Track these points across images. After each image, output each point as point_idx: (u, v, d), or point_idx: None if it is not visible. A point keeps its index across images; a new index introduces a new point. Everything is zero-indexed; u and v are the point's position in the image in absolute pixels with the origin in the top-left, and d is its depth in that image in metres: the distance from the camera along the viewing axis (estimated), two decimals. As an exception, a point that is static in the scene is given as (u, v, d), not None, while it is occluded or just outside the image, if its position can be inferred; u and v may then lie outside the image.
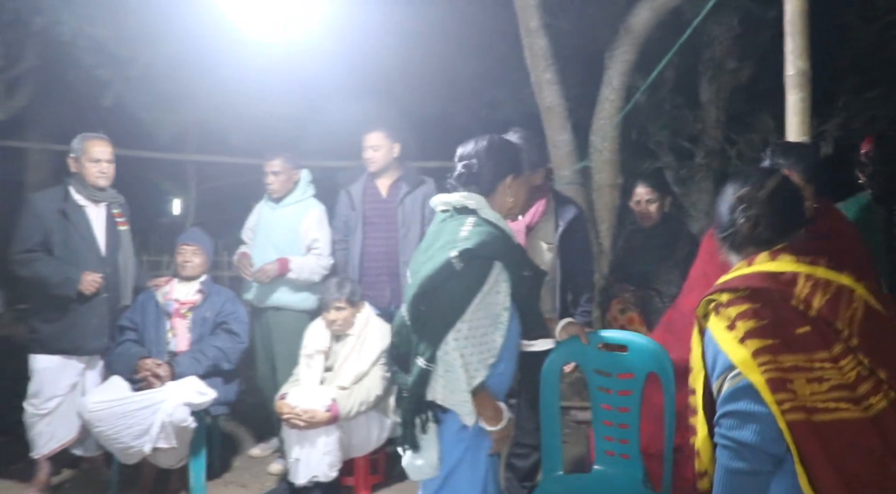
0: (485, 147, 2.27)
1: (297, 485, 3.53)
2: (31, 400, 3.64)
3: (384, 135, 4.05)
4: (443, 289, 2.09)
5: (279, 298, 4.07)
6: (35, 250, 3.51)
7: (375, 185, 4.11)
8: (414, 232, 4.00)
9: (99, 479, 3.84)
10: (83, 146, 3.64)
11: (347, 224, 4.12)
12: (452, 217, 2.21)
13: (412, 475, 2.18)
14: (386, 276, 4.05)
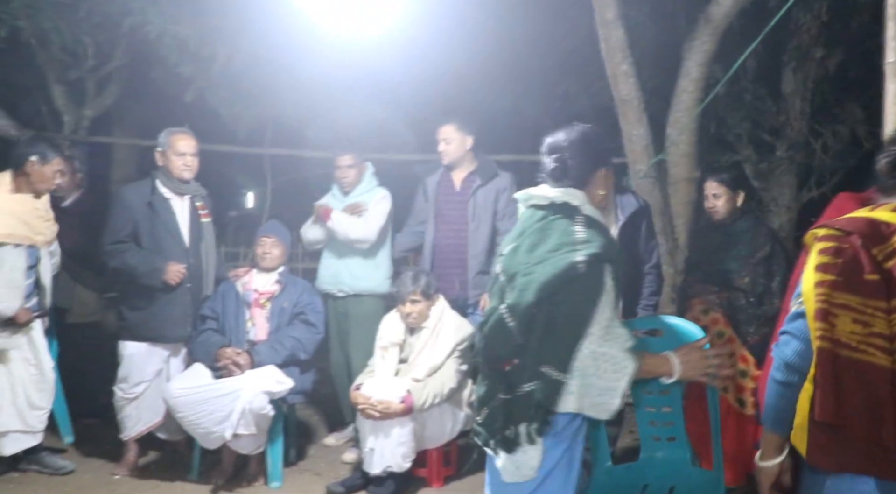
0: (576, 139, 2.19)
1: (372, 475, 3.58)
2: (120, 384, 3.80)
3: (455, 127, 4.07)
4: (568, 294, 2.01)
5: (356, 284, 4.16)
6: (125, 241, 3.66)
7: (450, 177, 4.15)
8: (484, 226, 4.02)
9: (181, 462, 3.98)
10: (169, 140, 3.77)
11: (421, 215, 4.19)
12: (555, 215, 2.13)
13: (508, 476, 2.09)
14: (455, 268, 4.08)
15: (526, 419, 2.03)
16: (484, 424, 2.15)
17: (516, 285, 2.09)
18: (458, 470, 3.90)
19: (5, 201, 3.58)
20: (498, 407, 2.09)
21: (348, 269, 4.14)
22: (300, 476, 3.87)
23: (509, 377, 2.09)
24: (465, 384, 3.82)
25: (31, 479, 3.77)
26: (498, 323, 2.11)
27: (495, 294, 2.19)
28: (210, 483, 3.70)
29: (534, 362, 2.03)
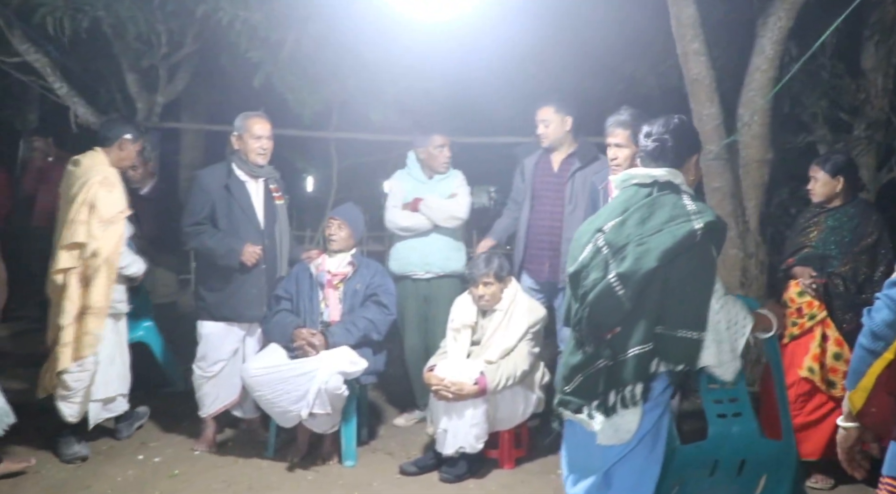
0: (676, 126, 2.43)
1: (444, 455, 3.61)
2: (199, 363, 3.91)
3: (554, 109, 4.04)
4: (688, 259, 2.21)
5: (445, 265, 4.22)
6: (203, 222, 3.75)
7: (549, 159, 4.14)
8: (581, 209, 3.95)
9: (257, 440, 4.07)
10: (245, 124, 3.83)
11: (517, 195, 4.21)
12: (661, 191, 2.32)
13: (605, 439, 2.23)
14: (547, 250, 4.06)
15: (630, 383, 2.20)
16: (576, 392, 2.28)
17: (628, 255, 2.23)
18: (528, 452, 3.91)
19: (113, 175, 3.74)
20: (598, 374, 2.24)
21: (438, 250, 4.20)
22: (373, 456, 3.92)
23: (612, 345, 2.23)
24: (538, 367, 3.81)
25: (116, 451, 3.92)
26: (605, 292, 2.23)
27: (596, 267, 2.29)
28: (285, 461, 3.78)
29: (647, 326, 2.18)
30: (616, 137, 3.37)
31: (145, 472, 3.67)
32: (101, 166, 3.71)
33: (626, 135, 3.33)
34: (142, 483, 3.53)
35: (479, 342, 3.76)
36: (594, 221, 2.44)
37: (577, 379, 2.29)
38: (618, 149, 3.37)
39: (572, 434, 2.38)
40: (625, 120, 3.35)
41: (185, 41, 6.01)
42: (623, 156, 3.35)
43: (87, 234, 3.55)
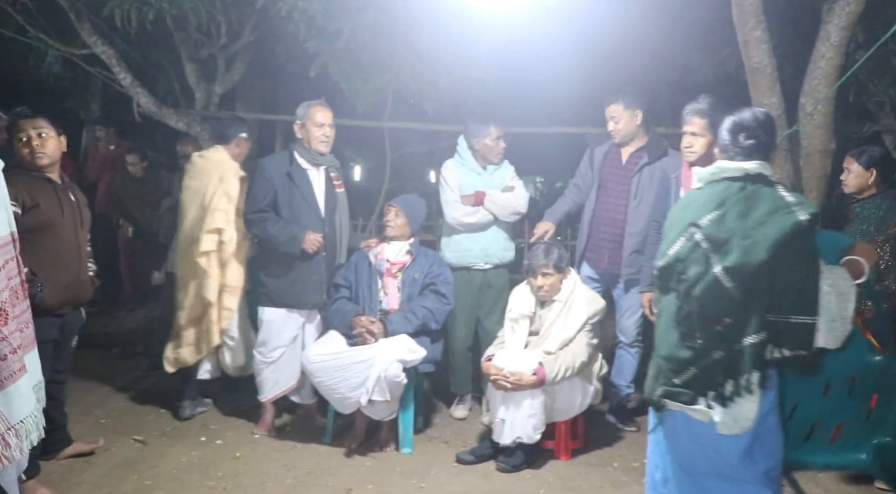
0: (765, 119, 2.45)
1: (501, 445, 3.62)
2: (260, 349, 3.98)
3: (622, 106, 4.04)
4: (797, 248, 2.24)
5: (504, 255, 4.26)
6: (265, 210, 3.81)
7: (618, 151, 4.15)
8: (646, 205, 3.95)
9: (313, 425, 4.14)
10: (308, 112, 3.87)
11: (584, 179, 4.21)
12: (754, 184, 2.35)
13: (725, 429, 2.26)
14: (608, 242, 4.07)
15: (746, 372, 2.23)
16: (690, 384, 2.31)
17: (733, 249, 2.25)
18: (584, 444, 3.89)
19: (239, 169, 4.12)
20: (713, 365, 2.27)
21: (497, 242, 4.23)
22: (429, 444, 3.95)
23: (724, 336, 2.26)
24: (596, 358, 3.79)
25: (179, 432, 4.03)
26: (713, 286, 2.27)
27: (696, 261, 2.31)
28: (343, 447, 3.83)
29: (759, 315, 2.22)
30: (693, 125, 3.30)
31: (208, 453, 3.76)
32: (229, 161, 4.11)
33: (703, 124, 3.26)
34: (206, 464, 3.61)
35: (537, 332, 3.75)
36: (681, 215, 2.41)
37: (689, 372, 2.31)
38: (693, 137, 3.30)
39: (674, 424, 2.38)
40: (702, 109, 3.28)
41: (242, 32, 6.09)
42: (699, 144, 3.28)
43: (225, 220, 3.93)
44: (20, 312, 2.47)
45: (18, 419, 2.38)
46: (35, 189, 3.14)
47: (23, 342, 2.45)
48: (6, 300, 2.38)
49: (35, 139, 3.19)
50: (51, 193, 3.23)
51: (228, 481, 3.44)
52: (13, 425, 2.36)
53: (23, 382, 2.40)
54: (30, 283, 3.05)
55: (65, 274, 3.23)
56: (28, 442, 2.42)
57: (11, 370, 2.35)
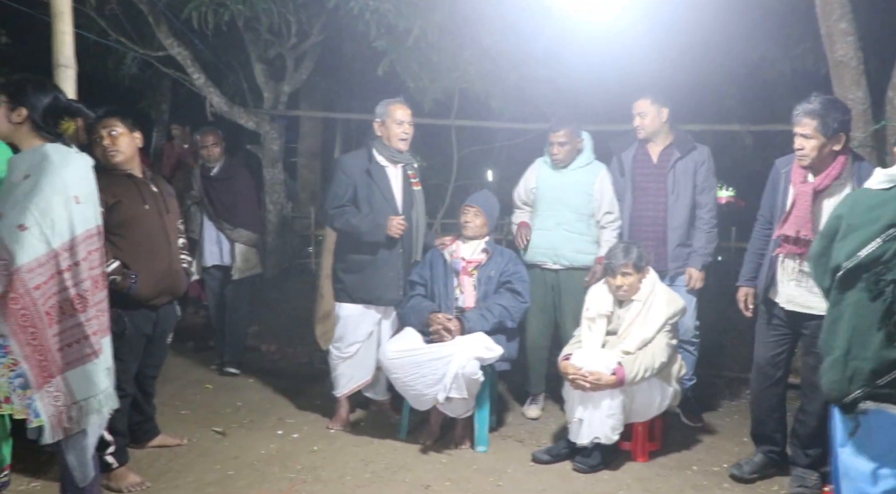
0: None
1: (578, 445, 3.58)
2: (336, 344, 4.03)
3: (650, 101, 4.08)
4: None
5: (575, 258, 4.18)
6: (346, 205, 3.85)
7: (647, 150, 4.16)
8: (684, 199, 4.05)
9: (387, 421, 4.17)
10: (388, 110, 3.90)
11: (617, 189, 4.18)
12: None
13: None
14: (652, 241, 4.07)
15: None
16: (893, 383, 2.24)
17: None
18: (662, 446, 3.83)
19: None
20: None
21: (568, 243, 4.16)
22: (503, 442, 3.94)
23: None
24: (675, 359, 3.73)
25: (256, 425, 4.10)
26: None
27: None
28: (418, 443, 3.84)
29: None
30: (803, 127, 3.15)
31: (286, 446, 3.81)
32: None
33: (814, 125, 3.11)
34: (284, 457, 3.67)
35: (614, 332, 3.71)
36: (872, 215, 2.30)
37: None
38: (804, 139, 3.16)
39: (884, 431, 2.32)
40: (814, 109, 3.12)
41: (311, 32, 6.19)
42: (810, 147, 3.15)
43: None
44: (98, 300, 2.67)
45: (84, 396, 2.61)
46: (115, 186, 3.22)
47: (99, 328, 2.66)
48: (87, 289, 2.60)
49: (107, 138, 3.27)
50: (131, 187, 3.31)
51: (308, 474, 3.48)
52: (78, 400, 2.60)
53: (95, 364, 2.63)
54: (123, 276, 3.16)
55: (156, 265, 3.30)
56: (88, 420, 2.64)
57: (85, 351, 2.61)
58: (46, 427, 2.55)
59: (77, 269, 2.56)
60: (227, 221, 4.94)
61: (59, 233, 2.52)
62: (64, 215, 2.53)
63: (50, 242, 2.50)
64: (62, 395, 2.57)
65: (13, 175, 2.57)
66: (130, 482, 3.26)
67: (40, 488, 3.25)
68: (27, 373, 2.52)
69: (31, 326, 2.49)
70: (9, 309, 2.46)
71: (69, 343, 2.56)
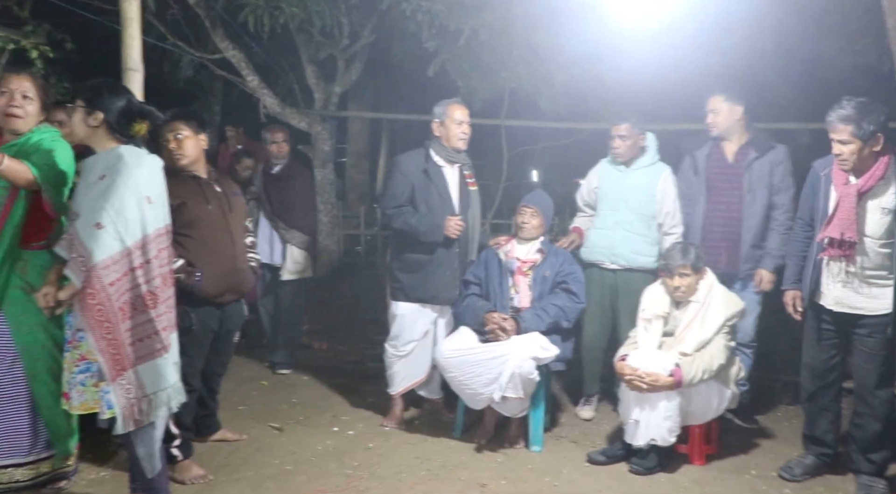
0: None
1: (634, 446, 3.56)
2: (392, 342, 4.07)
3: (723, 98, 4.02)
4: None
5: (633, 259, 4.14)
6: (404, 205, 3.89)
7: (722, 149, 4.09)
8: (760, 199, 3.96)
9: (440, 420, 4.19)
10: (447, 110, 3.93)
11: (690, 188, 4.12)
12: None
13: None
14: (724, 242, 4.02)
15: None
16: None
17: None
18: (718, 449, 3.79)
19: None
20: None
21: (626, 243, 4.13)
22: (557, 443, 3.94)
23: None
24: (734, 361, 3.68)
25: (312, 422, 4.16)
26: None
27: None
28: (472, 442, 3.86)
29: None
30: (839, 133, 3.12)
31: (342, 443, 3.87)
32: None
33: (850, 130, 3.08)
34: (340, 453, 3.72)
35: (671, 333, 3.68)
36: None
37: None
38: (842, 145, 3.13)
39: None
40: (848, 115, 3.09)
41: (363, 33, 6.26)
42: (849, 151, 3.12)
43: None
44: (167, 297, 2.77)
45: (154, 390, 2.71)
46: (180, 188, 3.30)
47: (168, 324, 2.76)
48: (158, 286, 2.71)
49: (173, 141, 3.36)
50: (196, 188, 3.39)
51: (364, 470, 3.53)
52: (148, 393, 2.70)
53: (164, 359, 2.74)
54: (187, 274, 3.24)
55: (220, 263, 3.37)
56: (157, 413, 2.74)
57: (156, 346, 2.71)
58: (118, 419, 2.65)
59: (148, 267, 2.66)
60: (283, 220, 4.99)
61: (132, 232, 2.61)
62: (137, 214, 2.63)
63: (124, 240, 2.60)
64: (133, 388, 2.66)
65: (89, 176, 2.67)
66: (194, 474, 3.34)
67: (109, 477, 3.35)
68: (102, 366, 2.62)
69: (107, 321, 2.59)
70: (86, 304, 2.57)
71: (140, 338, 2.66)
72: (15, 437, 3.04)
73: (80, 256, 2.56)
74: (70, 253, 2.58)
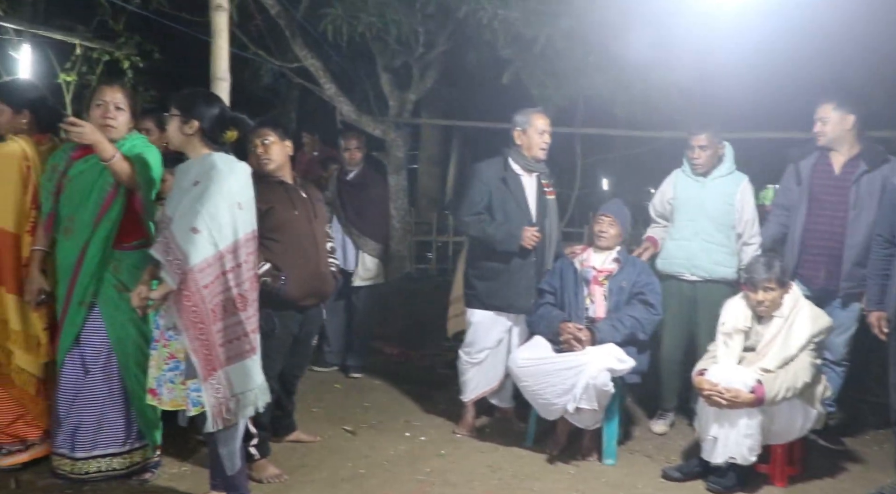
0: None
1: (712, 464, 3.47)
2: (466, 349, 4.08)
3: (832, 106, 3.84)
4: None
5: (713, 270, 4.06)
6: (481, 212, 3.90)
7: (829, 160, 3.92)
8: (866, 215, 3.74)
9: (512, 429, 4.18)
10: (530, 119, 3.94)
11: (789, 198, 4.01)
12: None
13: None
14: (824, 256, 3.87)
15: None
16: None
17: None
18: (801, 471, 3.65)
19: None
20: None
21: (705, 254, 4.04)
22: (631, 457, 3.87)
23: None
24: (819, 380, 3.54)
25: (385, 426, 4.21)
26: None
27: None
28: (544, 453, 3.83)
29: None
30: None
31: (414, 449, 3.89)
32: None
33: None
34: (413, 459, 3.74)
35: (752, 348, 3.57)
36: None
37: None
38: None
39: None
40: None
41: (437, 41, 6.30)
42: None
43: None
44: (254, 299, 2.85)
45: (242, 390, 2.79)
46: (268, 193, 3.39)
47: (255, 326, 2.84)
48: (247, 289, 2.79)
49: (260, 147, 3.45)
50: (282, 194, 3.48)
51: (436, 477, 3.54)
52: (237, 393, 2.77)
53: (253, 360, 2.83)
54: (273, 277, 3.32)
55: (304, 267, 3.44)
56: (245, 412, 2.81)
57: (245, 348, 2.79)
58: (208, 417, 2.73)
59: (239, 270, 2.75)
60: (357, 227, 5.07)
61: (224, 236, 2.70)
62: (229, 219, 2.72)
63: (217, 244, 2.69)
64: (222, 388, 2.74)
65: (183, 181, 2.77)
66: (270, 473, 3.42)
67: (190, 472, 3.46)
68: (196, 366, 2.70)
69: (200, 322, 2.68)
70: (182, 305, 2.66)
71: (230, 340, 2.74)
72: (112, 428, 3.19)
73: (176, 259, 2.65)
74: (167, 256, 2.67)
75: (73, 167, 3.16)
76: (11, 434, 3.29)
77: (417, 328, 5.86)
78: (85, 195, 3.12)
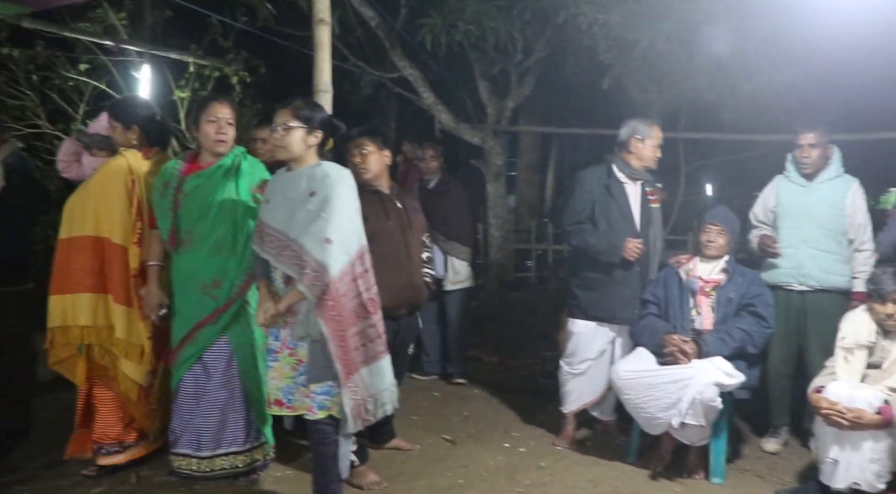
0: None
1: (833, 489, 3.25)
2: (567, 359, 4.01)
3: None
4: None
5: (825, 279, 3.85)
6: (583, 221, 3.84)
7: None
8: None
9: (612, 442, 4.07)
10: (652, 131, 3.89)
11: None
12: None
13: None
14: None
15: None
16: None
17: None
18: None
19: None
20: None
21: (816, 262, 3.84)
22: (740, 476, 3.69)
23: None
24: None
25: (484, 436, 4.17)
26: None
27: None
28: (647, 468, 3.70)
29: None
30: None
31: (513, 460, 3.85)
32: None
33: None
34: (512, 470, 3.70)
35: (877, 365, 3.33)
36: None
37: None
38: None
39: None
40: None
41: (536, 48, 6.26)
42: None
43: None
44: (380, 303, 2.90)
45: (378, 390, 2.84)
46: (363, 203, 3.40)
47: (384, 329, 2.90)
48: (375, 292, 2.86)
49: (357, 156, 3.50)
50: (377, 204, 3.51)
51: (536, 490, 3.48)
52: (373, 393, 2.83)
53: (386, 360, 2.88)
54: None
55: (397, 277, 3.45)
56: (382, 411, 2.87)
57: (378, 349, 2.85)
58: (348, 418, 2.77)
59: (367, 275, 2.82)
60: (442, 232, 5.12)
61: (352, 243, 2.78)
62: (351, 226, 2.80)
63: (349, 252, 2.76)
64: (360, 389, 2.79)
65: (291, 192, 2.83)
66: (370, 480, 3.45)
67: (293, 476, 3.54)
68: (338, 372, 2.74)
69: (341, 329, 2.73)
70: (327, 315, 2.71)
71: (364, 343, 2.81)
72: (234, 429, 3.32)
73: (314, 271, 2.68)
74: (302, 270, 2.71)
75: (186, 183, 3.29)
76: (113, 436, 3.44)
77: (517, 337, 5.82)
78: (203, 210, 3.25)
